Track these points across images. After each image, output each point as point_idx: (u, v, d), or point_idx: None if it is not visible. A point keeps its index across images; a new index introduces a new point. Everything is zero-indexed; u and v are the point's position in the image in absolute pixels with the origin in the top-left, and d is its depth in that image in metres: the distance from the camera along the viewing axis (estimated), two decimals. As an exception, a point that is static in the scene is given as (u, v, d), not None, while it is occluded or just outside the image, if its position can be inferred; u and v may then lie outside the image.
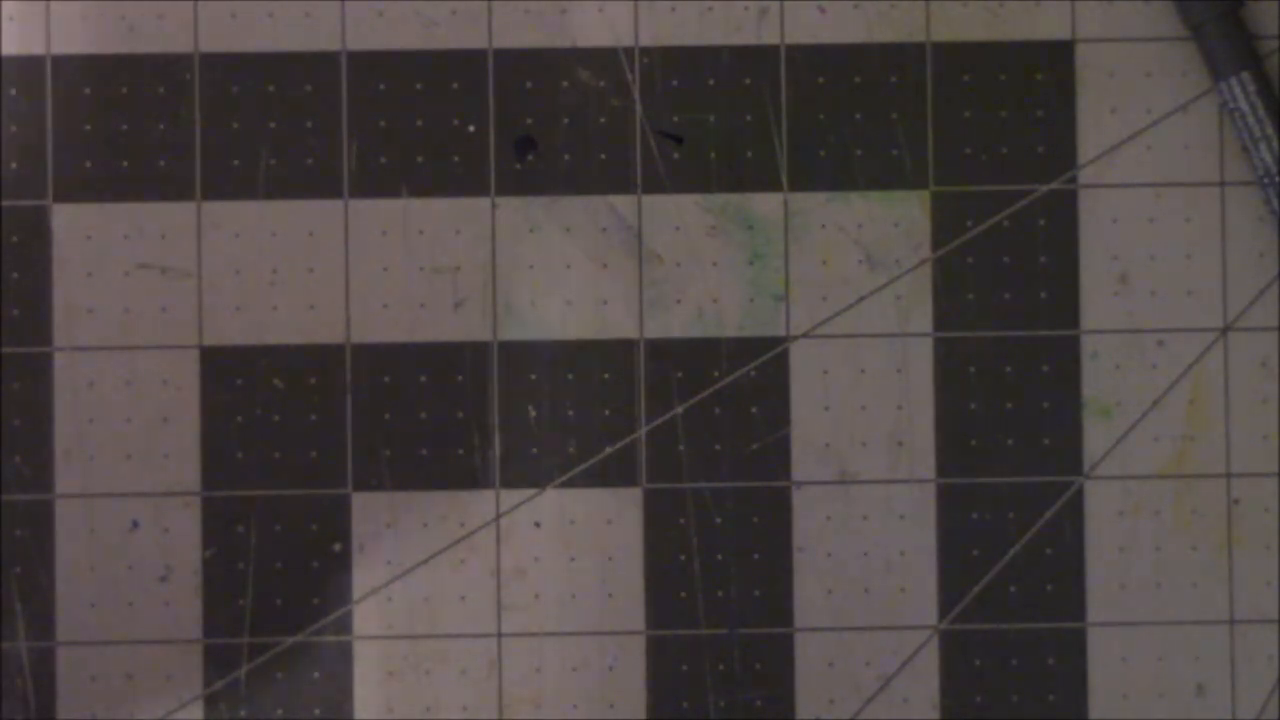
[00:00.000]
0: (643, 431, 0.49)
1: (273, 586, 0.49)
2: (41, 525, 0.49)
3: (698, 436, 0.49)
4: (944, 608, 0.49)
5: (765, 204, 0.49)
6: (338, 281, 0.49)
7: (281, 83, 0.49)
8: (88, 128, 0.49)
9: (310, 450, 0.49)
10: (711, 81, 0.49)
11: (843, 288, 0.49)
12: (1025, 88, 0.49)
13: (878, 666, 0.49)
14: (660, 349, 0.49)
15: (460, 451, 0.49)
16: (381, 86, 0.49)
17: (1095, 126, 0.49)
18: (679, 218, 0.49)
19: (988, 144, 0.49)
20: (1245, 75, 0.48)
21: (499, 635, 0.49)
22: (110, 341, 0.49)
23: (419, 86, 0.49)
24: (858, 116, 0.49)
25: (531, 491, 0.49)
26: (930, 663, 0.49)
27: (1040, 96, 0.49)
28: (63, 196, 0.49)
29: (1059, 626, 0.49)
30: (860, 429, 0.49)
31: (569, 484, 0.49)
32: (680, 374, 0.49)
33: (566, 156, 0.49)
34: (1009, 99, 0.49)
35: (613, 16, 0.49)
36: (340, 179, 0.49)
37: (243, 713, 0.49)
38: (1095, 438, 0.49)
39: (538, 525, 0.49)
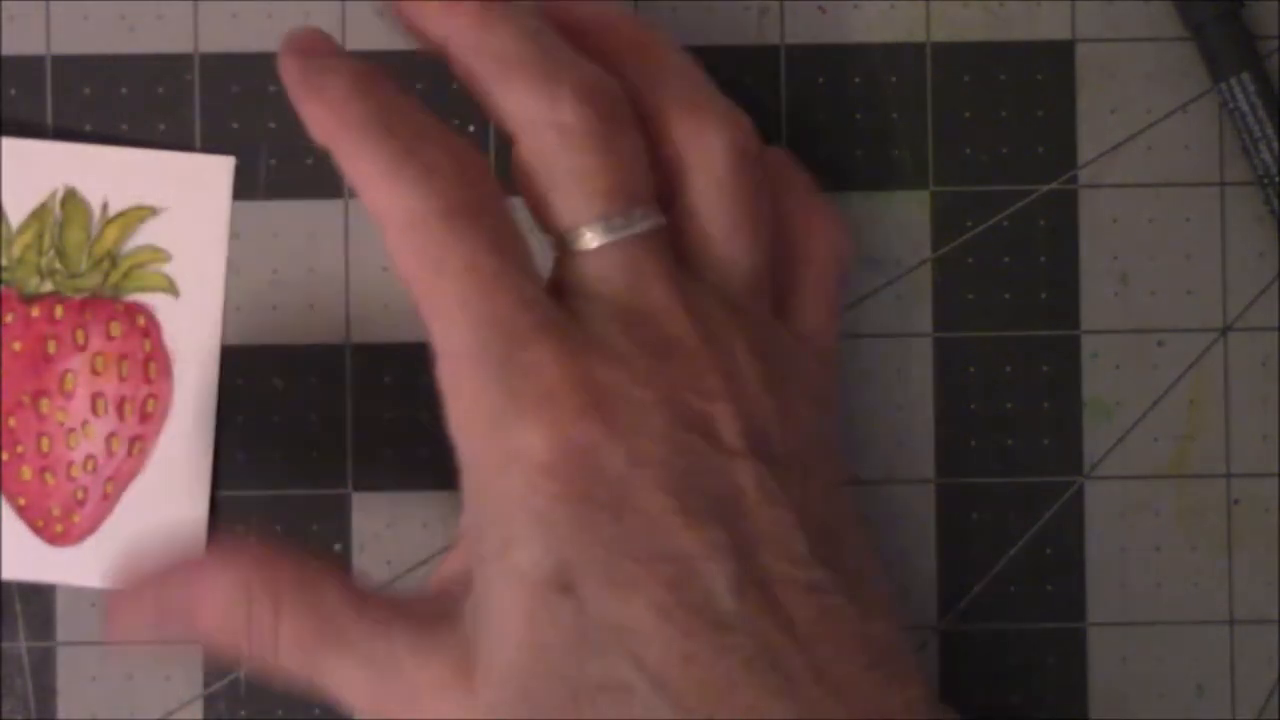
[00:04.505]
0: (643, 431, 0.49)
1: (273, 586, 0.49)
2: (41, 525, 0.49)
3: (698, 436, 0.49)
4: (944, 608, 0.49)
5: (765, 204, 0.49)
6: (338, 281, 0.49)
7: (281, 83, 0.49)
8: (88, 128, 0.49)
9: (310, 450, 0.49)
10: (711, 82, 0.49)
11: (843, 288, 0.49)
12: (1025, 88, 0.49)
13: (878, 666, 0.49)
14: (660, 349, 0.49)
15: (460, 451, 0.49)
16: (381, 86, 0.49)
17: (1095, 126, 0.49)
18: (679, 218, 0.49)
19: (988, 144, 0.49)
20: (1245, 75, 0.48)
21: (499, 635, 0.49)
22: (110, 341, 0.49)
23: (419, 87, 0.49)
24: (859, 116, 0.49)
25: (531, 491, 0.49)
26: (930, 663, 0.49)
27: (1040, 96, 0.49)
28: (63, 196, 0.49)
29: (1059, 626, 0.49)
30: (860, 429, 0.49)
31: (569, 484, 0.49)
32: (680, 374, 0.49)
33: (566, 156, 0.49)
34: (1009, 99, 0.49)
35: (613, 16, 0.49)
36: (340, 179, 0.49)
37: (243, 713, 0.49)
38: (1095, 438, 0.49)
39: (538, 525, 0.49)
